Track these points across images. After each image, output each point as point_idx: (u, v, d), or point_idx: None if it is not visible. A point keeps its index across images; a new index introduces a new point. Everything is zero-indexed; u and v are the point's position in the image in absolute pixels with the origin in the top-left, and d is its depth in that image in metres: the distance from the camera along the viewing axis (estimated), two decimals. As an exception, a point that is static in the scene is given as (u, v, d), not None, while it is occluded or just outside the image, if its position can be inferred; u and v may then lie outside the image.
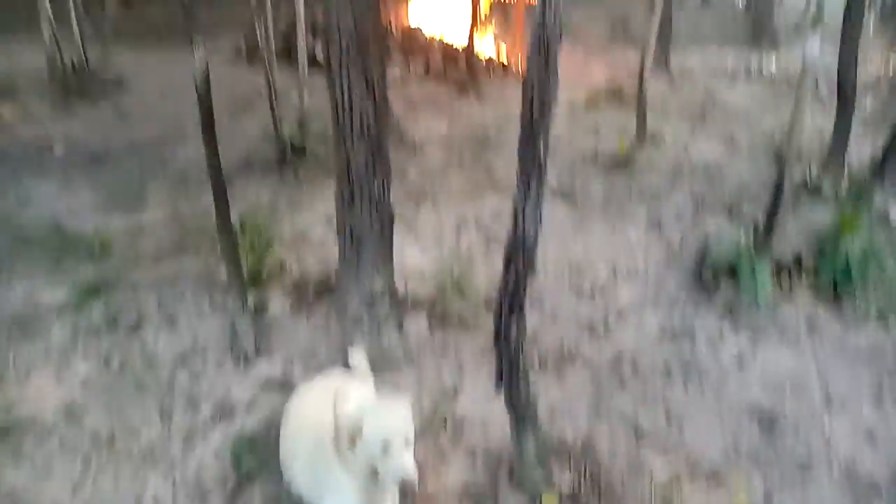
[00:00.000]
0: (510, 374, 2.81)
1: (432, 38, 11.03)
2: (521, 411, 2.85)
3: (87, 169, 5.97)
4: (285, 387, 3.28)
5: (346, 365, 3.03)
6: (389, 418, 2.22)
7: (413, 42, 10.81)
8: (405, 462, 2.12)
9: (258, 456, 2.93)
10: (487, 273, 4.30)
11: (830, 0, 4.76)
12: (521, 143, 2.67)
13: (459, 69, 9.84)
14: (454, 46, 10.58)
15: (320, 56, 9.03)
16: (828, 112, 7.93)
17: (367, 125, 3.43)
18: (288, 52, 9.66)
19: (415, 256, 4.53)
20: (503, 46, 12.04)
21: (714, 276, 4.19)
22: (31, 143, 6.53)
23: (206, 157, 3.38)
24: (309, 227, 4.93)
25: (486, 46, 11.41)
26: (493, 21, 13.57)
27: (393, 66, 9.73)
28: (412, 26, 11.56)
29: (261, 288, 4.08)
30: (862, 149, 6.67)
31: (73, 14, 8.17)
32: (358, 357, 3.05)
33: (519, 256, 2.73)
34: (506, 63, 10.83)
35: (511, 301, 2.76)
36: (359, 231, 3.67)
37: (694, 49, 12.85)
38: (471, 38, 9.12)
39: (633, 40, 13.27)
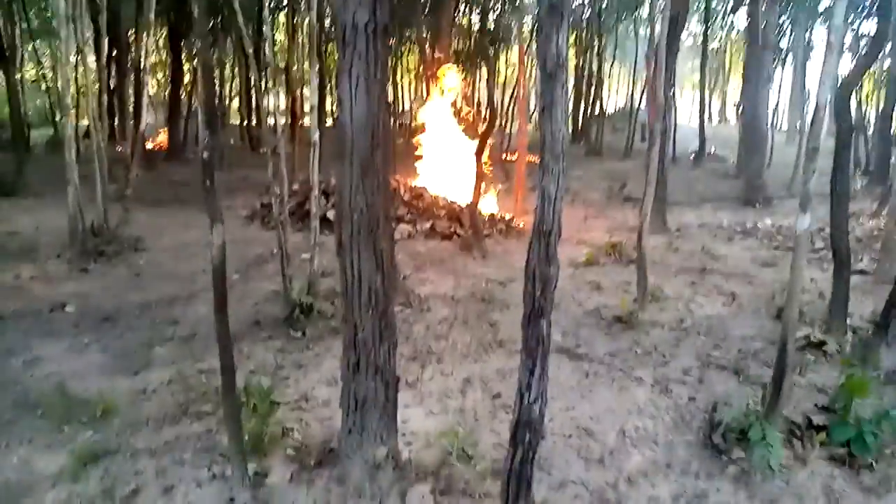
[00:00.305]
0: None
1: (437, 197, 11.57)
2: None
3: (97, 329, 6.07)
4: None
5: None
6: None
7: (420, 201, 11.33)
8: None
9: None
10: (494, 436, 4.23)
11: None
12: (525, 323, 2.79)
13: (464, 227, 10.22)
14: (459, 205, 11.07)
15: (331, 216, 9.45)
16: (825, 266, 8.13)
17: (375, 296, 3.57)
18: (300, 213, 10.14)
19: (419, 419, 4.46)
20: (506, 204, 12.58)
21: (725, 440, 4.10)
22: (45, 303, 6.69)
23: (216, 328, 3.46)
24: (314, 388, 4.91)
25: (490, 204, 11.92)
26: (496, 179, 14.26)
27: (400, 225, 10.13)
28: (419, 186, 12.17)
29: (262, 454, 3.99)
30: (863, 304, 6.76)
31: (98, 177, 8.67)
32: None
33: (525, 434, 2.74)
34: (508, 220, 11.26)
35: (518, 480, 2.72)
36: (363, 398, 3.69)
37: (689, 207, 13.39)
38: (475, 196, 9.57)
39: (630, 199, 13.92)
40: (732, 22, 34.38)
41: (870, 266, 8.25)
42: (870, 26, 21.14)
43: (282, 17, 24.63)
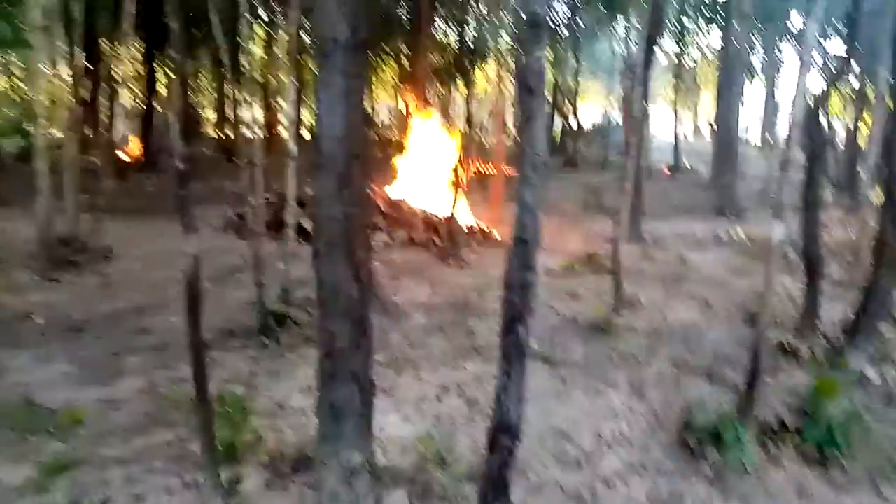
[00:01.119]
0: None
1: (416, 208, 11.58)
2: None
3: (65, 339, 5.95)
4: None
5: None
6: None
7: (397, 211, 11.33)
8: None
9: None
10: (471, 442, 4.21)
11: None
12: (504, 329, 2.91)
13: (442, 237, 10.24)
14: (436, 215, 11.09)
15: (307, 226, 9.40)
16: (796, 274, 8.27)
17: (352, 306, 3.57)
18: (276, 223, 10.06)
19: (396, 426, 4.43)
20: (482, 214, 12.62)
21: (699, 442, 4.13)
22: (11, 313, 6.54)
23: (188, 335, 3.42)
24: (288, 396, 4.86)
25: (467, 215, 11.96)
26: (474, 190, 14.30)
27: (377, 235, 10.11)
28: (397, 196, 12.17)
29: (236, 462, 3.93)
30: (834, 311, 6.87)
31: (69, 187, 8.55)
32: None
33: (502, 439, 2.79)
34: (485, 230, 11.30)
35: (495, 485, 2.78)
36: (339, 406, 3.66)
37: (664, 217, 13.54)
38: (453, 207, 9.59)
39: (606, 210, 14.04)
40: (705, 40, 35.17)
41: (840, 275, 8.40)
42: (838, 45, 21.73)
43: (259, 30, 24.62)
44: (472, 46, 22.92)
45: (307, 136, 23.07)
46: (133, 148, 23.94)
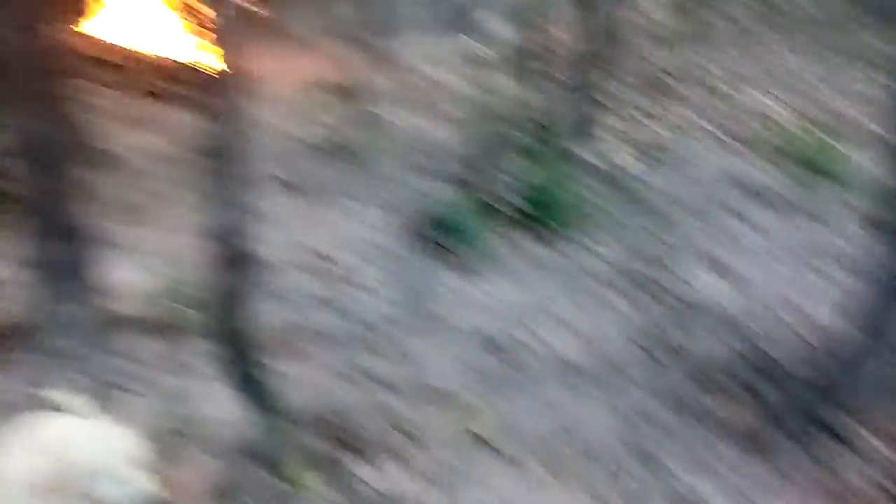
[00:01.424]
0: (242, 364, 2.83)
1: (142, 51, 10.25)
2: (259, 399, 2.84)
3: None
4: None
5: (52, 406, 2.64)
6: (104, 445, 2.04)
7: (121, 56, 9.95)
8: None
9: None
10: (213, 281, 4.06)
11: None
12: (215, 145, 3.02)
13: (175, 82, 9.25)
14: (176, 60, 9.92)
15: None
16: (533, 81, 8.78)
17: (55, 155, 3.23)
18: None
19: (128, 275, 4.06)
20: (226, 57, 11.56)
21: (444, 236, 4.43)
22: None
23: None
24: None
25: (208, 57, 10.87)
26: (217, 31, 12.94)
27: (95, 85, 8.85)
28: (123, 40, 10.63)
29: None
30: (563, 110, 7.44)
31: None
32: (64, 395, 2.67)
33: (229, 246, 2.95)
34: (229, 72, 10.40)
35: (231, 303, 2.90)
36: (54, 263, 3.33)
37: (406, 36, 13.45)
38: (192, 50, 8.56)
39: (346, 35, 13.55)
40: None
41: (568, 75, 9.00)
42: None
43: None
44: None
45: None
46: None
